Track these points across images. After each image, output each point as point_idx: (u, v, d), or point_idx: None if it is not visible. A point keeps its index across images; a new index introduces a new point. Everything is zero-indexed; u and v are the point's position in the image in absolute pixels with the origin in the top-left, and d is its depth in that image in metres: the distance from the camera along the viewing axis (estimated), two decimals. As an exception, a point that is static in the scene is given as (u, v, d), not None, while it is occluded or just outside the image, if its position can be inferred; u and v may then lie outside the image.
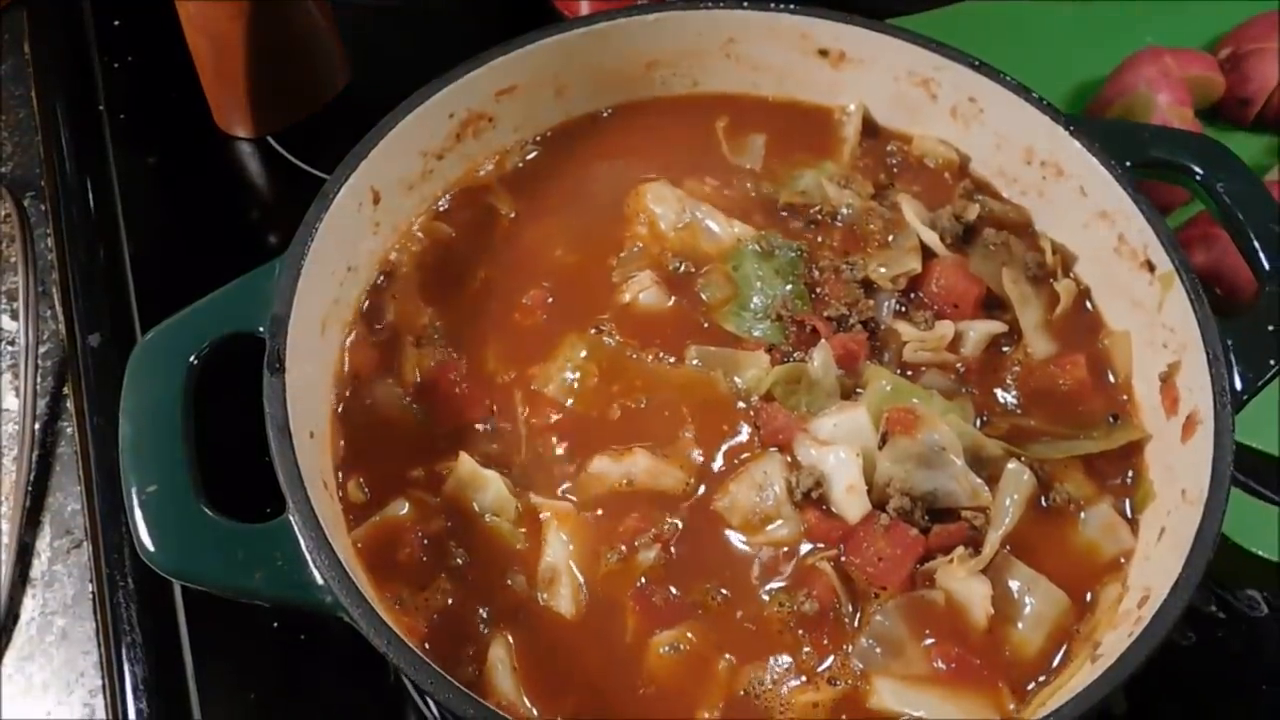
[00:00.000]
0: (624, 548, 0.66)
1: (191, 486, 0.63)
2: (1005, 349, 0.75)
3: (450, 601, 0.65)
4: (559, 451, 0.70)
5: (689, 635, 0.64)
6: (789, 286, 0.75)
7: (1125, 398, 0.73)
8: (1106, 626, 0.64)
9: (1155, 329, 0.72)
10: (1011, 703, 0.62)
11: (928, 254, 0.77)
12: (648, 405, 0.71)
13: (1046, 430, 0.72)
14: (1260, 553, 0.76)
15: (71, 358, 0.89)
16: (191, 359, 0.66)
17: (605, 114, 0.85)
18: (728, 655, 0.64)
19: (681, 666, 0.63)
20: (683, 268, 0.77)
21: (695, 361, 0.73)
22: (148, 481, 0.62)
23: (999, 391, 0.73)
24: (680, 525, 0.67)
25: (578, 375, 0.73)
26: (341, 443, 0.70)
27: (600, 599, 0.65)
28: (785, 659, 0.64)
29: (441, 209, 0.81)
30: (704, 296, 0.76)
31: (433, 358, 0.74)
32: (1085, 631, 0.65)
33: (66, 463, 0.86)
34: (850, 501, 0.66)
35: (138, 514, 0.62)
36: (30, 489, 0.84)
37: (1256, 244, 0.72)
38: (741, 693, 0.63)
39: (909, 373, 0.73)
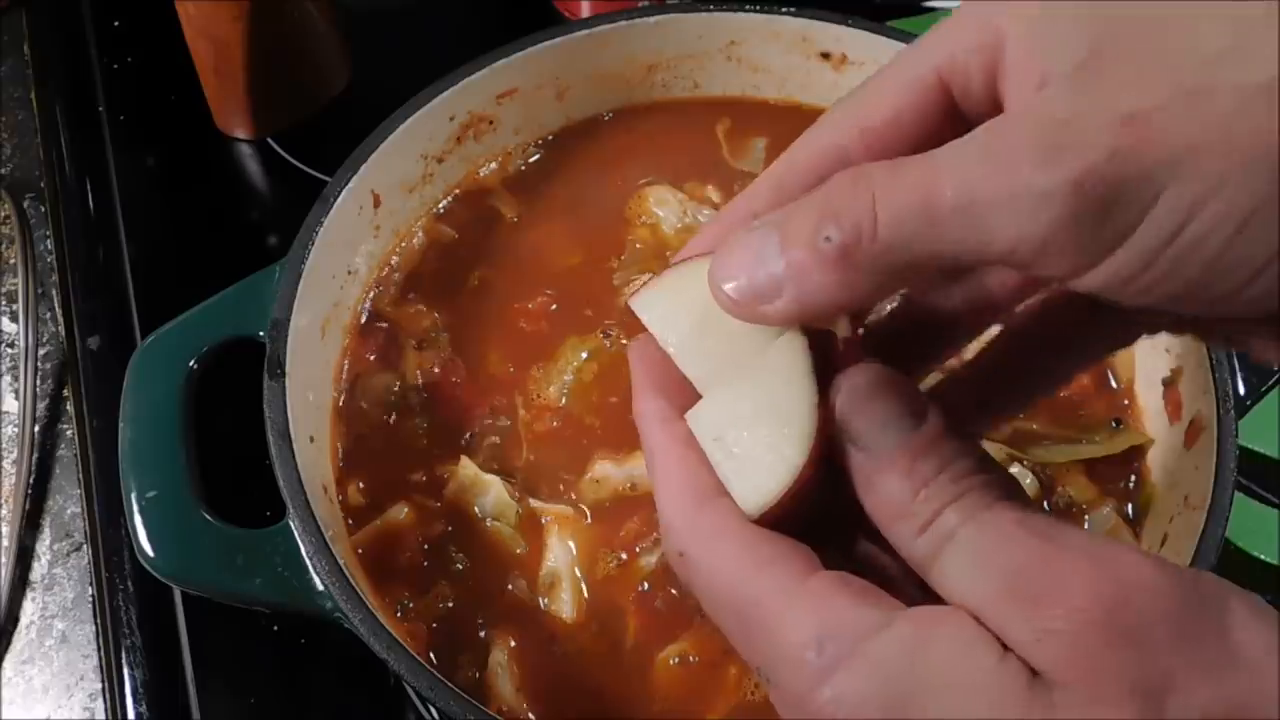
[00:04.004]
0: (624, 553, 0.66)
1: (191, 491, 0.63)
2: (1008, 353, 0.75)
3: (451, 606, 0.65)
4: (560, 455, 0.70)
5: (694, 640, 0.63)
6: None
7: (1127, 403, 0.73)
8: (1109, 632, 0.64)
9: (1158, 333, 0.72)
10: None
11: (929, 257, 0.77)
12: (649, 409, 0.71)
13: (1049, 434, 0.72)
14: (1262, 556, 0.76)
15: (71, 360, 0.88)
16: (191, 363, 0.66)
17: (606, 117, 0.85)
18: (733, 658, 0.64)
19: (686, 670, 0.63)
20: (684, 271, 0.77)
21: (697, 364, 0.72)
22: (147, 486, 0.62)
23: (1001, 395, 0.73)
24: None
25: (579, 378, 0.72)
26: (341, 447, 0.70)
27: (602, 604, 0.65)
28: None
29: (442, 211, 0.80)
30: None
31: (434, 360, 0.74)
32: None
33: (66, 465, 0.86)
34: (852, 506, 0.66)
35: (137, 519, 0.62)
36: (30, 492, 0.84)
37: (1260, 247, 0.72)
38: (749, 695, 0.63)
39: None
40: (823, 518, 0.38)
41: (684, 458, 0.39)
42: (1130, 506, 0.69)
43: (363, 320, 0.75)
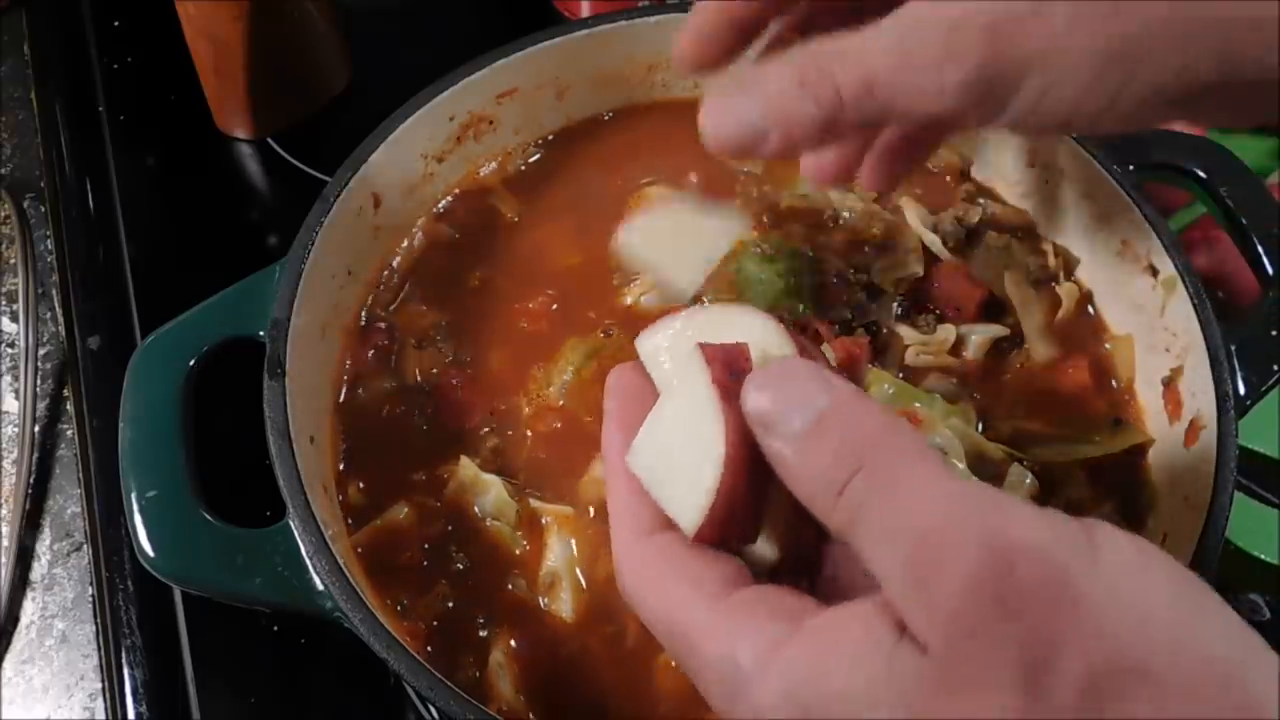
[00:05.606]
0: (625, 553, 0.66)
1: (191, 491, 0.63)
2: (1008, 353, 0.75)
3: (451, 605, 0.65)
4: (561, 455, 0.70)
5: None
6: (790, 289, 0.75)
7: (1128, 399, 0.73)
8: (1109, 632, 0.64)
9: (1158, 333, 0.72)
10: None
11: (930, 257, 0.77)
12: (649, 409, 0.71)
13: (1048, 434, 0.71)
14: (1263, 557, 0.76)
15: (71, 360, 0.88)
16: (191, 363, 0.66)
17: (606, 117, 0.85)
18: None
19: (684, 671, 0.63)
20: (684, 271, 0.77)
21: (697, 365, 0.72)
22: (147, 486, 0.62)
23: (1001, 395, 0.73)
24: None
25: (580, 378, 0.72)
26: (342, 446, 0.70)
27: (602, 603, 0.65)
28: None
29: (442, 211, 0.80)
30: (705, 299, 0.76)
31: (434, 360, 0.74)
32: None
33: (66, 465, 0.86)
34: (852, 506, 0.66)
35: (137, 519, 0.62)
36: (30, 492, 0.84)
37: (1260, 248, 0.72)
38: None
39: (911, 376, 0.73)
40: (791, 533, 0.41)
41: (629, 496, 0.43)
42: (1130, 506, 0.69)
43: (363, 320, 0.75)
